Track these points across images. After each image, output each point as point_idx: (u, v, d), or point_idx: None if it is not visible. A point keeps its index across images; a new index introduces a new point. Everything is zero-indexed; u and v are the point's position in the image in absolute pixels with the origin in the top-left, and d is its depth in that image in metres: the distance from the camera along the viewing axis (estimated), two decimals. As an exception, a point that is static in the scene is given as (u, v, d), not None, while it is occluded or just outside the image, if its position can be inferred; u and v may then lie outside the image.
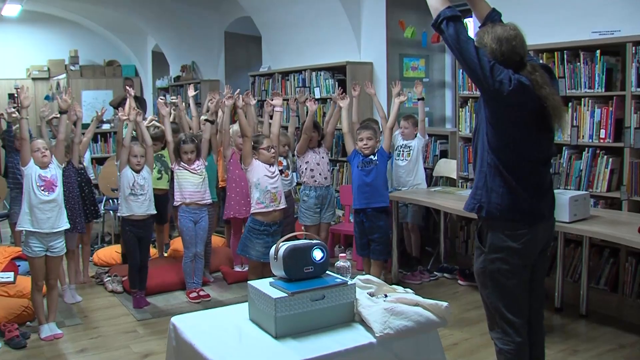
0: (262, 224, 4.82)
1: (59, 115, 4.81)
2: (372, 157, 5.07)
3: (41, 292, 4.56)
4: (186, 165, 5.25)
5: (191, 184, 5.25)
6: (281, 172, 5.39)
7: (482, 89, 2.66)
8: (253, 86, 9.12)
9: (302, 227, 5.82)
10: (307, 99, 6.01)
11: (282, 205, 4.92)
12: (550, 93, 2.69)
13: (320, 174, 5.75)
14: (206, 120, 5.58)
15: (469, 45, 2.62)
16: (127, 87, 6.72)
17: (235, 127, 5.81)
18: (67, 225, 4.56)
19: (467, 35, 2.65)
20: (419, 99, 5.93)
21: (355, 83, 5.90)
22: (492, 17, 2.94)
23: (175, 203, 5.30)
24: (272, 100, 5.33)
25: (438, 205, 5.24)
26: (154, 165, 5.98)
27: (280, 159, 5.59)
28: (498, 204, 2.78)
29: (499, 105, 2.66)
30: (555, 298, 4.91)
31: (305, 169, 5.76)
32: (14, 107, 5.59)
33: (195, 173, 5.28)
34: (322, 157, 5.80)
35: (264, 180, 4.84)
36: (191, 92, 6.38)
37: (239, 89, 5.82)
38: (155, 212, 5.27)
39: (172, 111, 6.24)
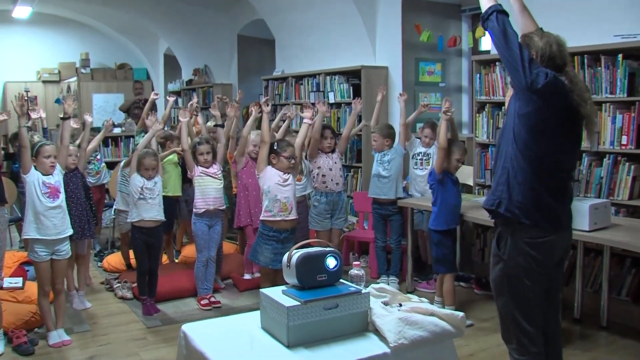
0: (271, 229, 4.80)
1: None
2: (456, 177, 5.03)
3: (48, 298, 4.56)
4: (206, 170, 5.26)
5: (214, 189, 5.27)
6: None
7: (518, 78, 2.69)
8: (266, 90, 9.14)
9: (315, 234, 5.83)
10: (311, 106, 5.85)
11: (292, 217, 4.85)
12: (589, 99, 2.77)
13: (332, 180, 5.76)
14: (216, 125, 5.59)
15: (514, 37, 2.71)
16: (153, 92, 6.88)
17: (252, 135, 5.81)
18: (71, 231, 4.57)
19: (513, 29, 2.73)
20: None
21: (382, 87, 5.97)
22: None
23: (197, 210, 5.27)
24: (301, 112, 5.27)
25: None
26: (180, 173, 6.06)
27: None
28: (519, 202, 2.78)
29: (532, 97, 2.69)
30: (574, 308, 4.87)
31: (317, 174, 5.76)
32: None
33: (216, 178, 5.30)
34: (335, 163, 5.80)
35: (274, 188, 4.79)
36: (194, 100, 6.41)
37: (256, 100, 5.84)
38: (165, 219, 5.27)
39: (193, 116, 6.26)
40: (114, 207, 6.39)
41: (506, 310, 2.90)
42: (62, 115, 4.73)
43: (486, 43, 6.99)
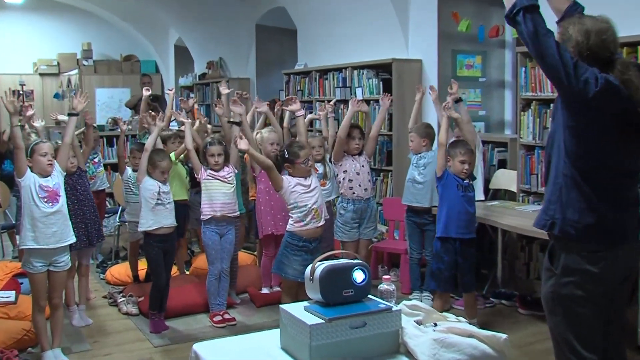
0: (300, 239, 4.81)
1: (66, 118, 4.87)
2: (468, 180, 5.05)
3: (44, 314, 4.55)
4: (215, 172, 5.29)
5: (222, 194, 5.30)
6: None
7: (563, 89, 2.63)
8: (287, 85, 9.20)
9: (341, 245, 5.84)
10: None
11: (322, 222, 4.90)
12: None
13: (359, 185, 5.76)
14: (231, 122, 5.62)
15: (549, 39, 2.59)
16: (144, 87, 6.84)
17: (266, 133, 5.85)
18: (73, 239, 4.60)
19: (546, 28, 2.62)
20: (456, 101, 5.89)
21: (420, 86, 5.97)
22: (572, 12, 2.91)
23: (203, 217, 5.32)
24: (286, 106, 5.35)
25: (495, 221, 5.21)
26: (186, 175, 6.11)
27: (316, 165, 5.61)
28: (574, 222, 2.75)
29: (582, 108, 2.63)
30: (638, 334, 4.80)
31: (343, 179, 5.77)
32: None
33: (225, 182, 5.32)
34: (362, 166, 5.80)
35: (302, 199, 4.79)
36: (224, 89, 6.30)
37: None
38: (177, 224, 5.33)
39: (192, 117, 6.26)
40: (124, 217, 6.40)
41: (559, 331, 2.86)
42: (70, 111, 4.77)
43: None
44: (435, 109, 5.91)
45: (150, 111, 5.95)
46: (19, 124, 4.53)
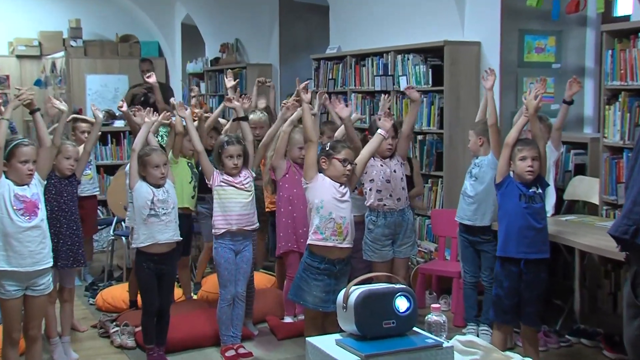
0: (322, 260, 4.82)
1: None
2: (535, 188, 5.00)
3: (17, 348, 4.55)
4: (231, 178, 5.31)
5: (239, 204, 5.32)
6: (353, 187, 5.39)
7: None
8: (316, 73, 9.21)
9: (372, 266, 5.80)
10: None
11: (347, 244, 4.90)
12: None
13: (390, 195, 5.71)
14: (236, 119, 5.63)
15: None
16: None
17: (296, 134, 5.84)
18: (50, 262, 4.59)
19: None
20: (566, 102, 5.85)
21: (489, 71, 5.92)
22: None
23: (216, 231, 5.34)
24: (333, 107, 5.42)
25: (571, 240, 5.14)
26: (190, 179, 6.13)
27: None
28: None
29: None
30: None
31: (370, 189, 5.73)
32: None
33: (242, 189, 5.34)
34: (394, 171, 5.74)
35: (329, 204, 4.83)
36: (230, 82, 6.36)
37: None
38: (181, 238, 5.35)
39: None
40: (127, 223, 6.43)
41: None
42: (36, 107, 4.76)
43: (625, 6, 6.85)
44: (486, 98, 5.84)
45: (138, 106, 6.00)
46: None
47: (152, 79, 7.39)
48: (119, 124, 10.10)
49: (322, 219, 4.83)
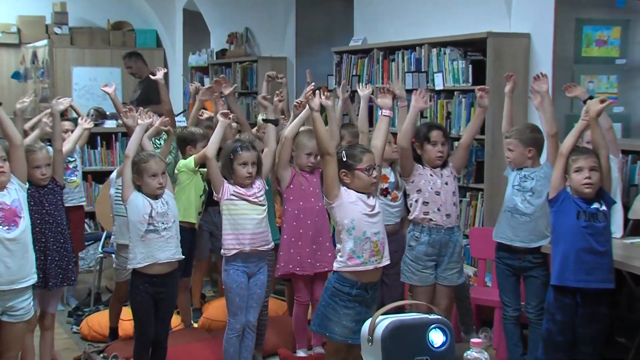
0: (354, 285, 4.74)
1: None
2: (597, 205, 4.95)
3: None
4: (243, 190, 5.29)
5: (252, 221, 5.32)
6: (386, 192, 5.35)
7: None
8: (338, 68, 9.20)
9: (409, 291, 5.81)
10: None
11: (386, 261, 4.87)
12: None
13: (438, 210, 5.68)
14: (266, 120, 5.63)
15: None
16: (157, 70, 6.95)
17: (304, 137, 5.87)
18: (34, 279, 4.60)
19: None
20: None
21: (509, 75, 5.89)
22: None
23: (226, 252, 5.33)
24: (377, 98, 5.35)
25: (637, 267, 5.06)
26: (202, 192, 6.21)
27: (385, 171, 5.59)
28: None
29: None
30: None
31: (416, 200, 5.70)
32: None
33: (256, 203, 5.33)
34: (446, 183, 5.73)
35: (361, 222, 4.78)
36: (226, 88, 6.53)
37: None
38: (183, 256, 5.34)
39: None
40: (112, 240, 6.44)
41: None
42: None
43: None
44: (536, 106, 5.83)
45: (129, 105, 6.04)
46: None
47: (160, 75, 7.33)
48: (110, 124, 10.03)
49: (356, 241, 4.78)
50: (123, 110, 5.72)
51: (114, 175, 6.20)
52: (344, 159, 4.83)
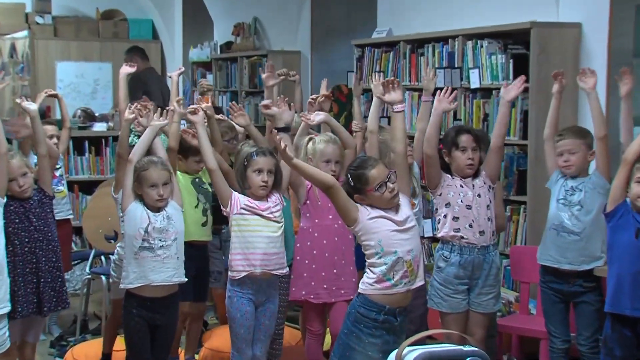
0: (381, 309, 4.71)
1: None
2: None
3: None
4: (256, 203, 5.28)
5: (265, 239, 5.32)
6: None
7: None
8: (359, 64, 9.22)
9: (440, 318, 5.78)
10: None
11: (420, 282, 4.86)
12: None
13: (471, 226, 5.64)
14: (278, 129, 5.60)
15: None
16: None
17: (321, 144, 5.82)
18: (7, 307, 4.64)
19: None
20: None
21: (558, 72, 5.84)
22: None
23: (234, 275, 5.32)
24: (383, 95, 5.27)
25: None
26: (196, 202, 6.11)
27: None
28: None
29: None
30: None
31: (445, 215, 5.69)
32: None
33: (271, 219, 5.32)
34: (479, 195, 5.68)
35: (389, 241, 4.75)
36: (175, 74, 6.61)
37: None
38: (186, 279, 5.33)
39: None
40: (113, 257, 6.40)
41: None
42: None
43: None
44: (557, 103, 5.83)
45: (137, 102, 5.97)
46: None
47: (175, 75, 7.24)
48: (99, 127, 10.01)
49: (389, 263, 4.75)
50: (135, 105, 5.67)
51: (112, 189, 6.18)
52: (352, 183, 4.83)
